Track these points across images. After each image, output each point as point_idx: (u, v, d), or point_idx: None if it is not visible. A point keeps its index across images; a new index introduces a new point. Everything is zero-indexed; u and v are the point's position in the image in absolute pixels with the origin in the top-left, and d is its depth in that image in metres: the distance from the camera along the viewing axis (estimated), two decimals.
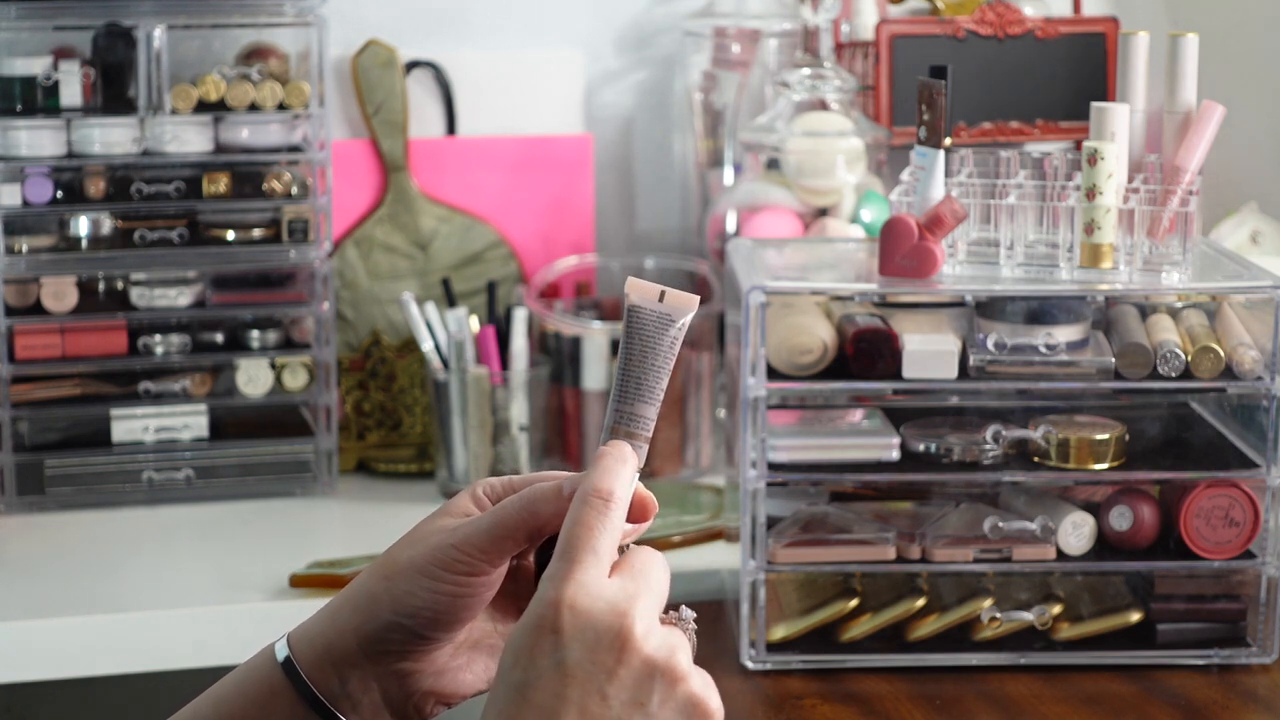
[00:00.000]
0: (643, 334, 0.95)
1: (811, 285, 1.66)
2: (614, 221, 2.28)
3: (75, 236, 1.97)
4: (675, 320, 0.96)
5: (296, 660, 1.00)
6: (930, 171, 1.64)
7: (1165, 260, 1.60)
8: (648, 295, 0.95)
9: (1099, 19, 2.17)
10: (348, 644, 0.99)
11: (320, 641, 1.00)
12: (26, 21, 1.94)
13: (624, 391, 0.96)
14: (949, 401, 1.72)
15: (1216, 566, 1.62)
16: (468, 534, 0.96)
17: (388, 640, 0.98)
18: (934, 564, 1.61)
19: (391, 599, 0.97)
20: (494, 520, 0.96)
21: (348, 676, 0.99)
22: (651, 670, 0.89)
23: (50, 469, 1.98)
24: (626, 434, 0.96)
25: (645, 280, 0.95)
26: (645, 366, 0.95)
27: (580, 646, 0.88)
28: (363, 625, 0.98)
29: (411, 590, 0.97)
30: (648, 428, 0.96)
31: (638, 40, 2.27)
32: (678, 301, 0.95)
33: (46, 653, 1.69)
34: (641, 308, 0.95)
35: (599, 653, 0.88)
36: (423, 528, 0.99)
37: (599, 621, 0.89)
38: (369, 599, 0.98)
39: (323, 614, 1.01)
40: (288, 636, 1.02)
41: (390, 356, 2.13)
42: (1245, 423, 1.65)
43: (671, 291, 0.95)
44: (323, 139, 2.00)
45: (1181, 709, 1.54)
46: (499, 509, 0.97)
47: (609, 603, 0.89)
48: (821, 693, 1.57)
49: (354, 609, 0.99)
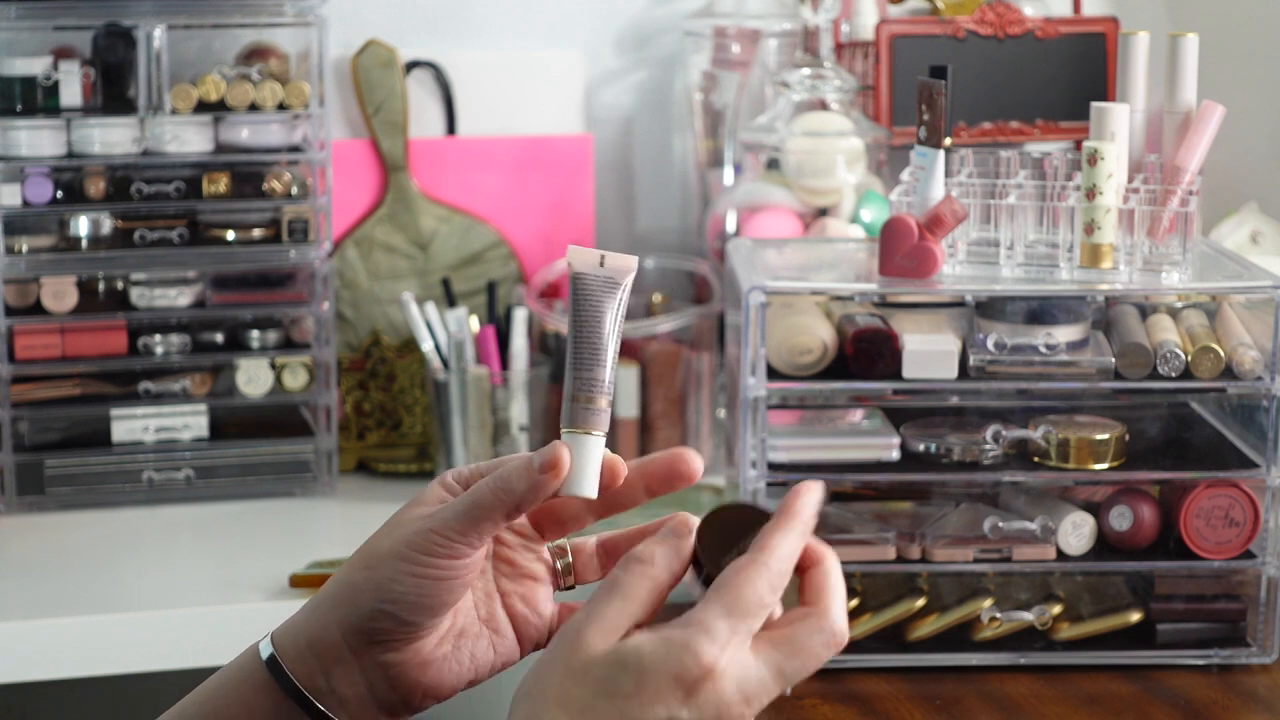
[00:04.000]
0: (590, 299, 0.97)
1: (811, 285, 1.66)
2: (614, 221, 2.28)
3: (75, 236, 1.97)
4: (619, 282, 0.97)
5: (281, 657, 1.00)
6: (930, 171, 1.64)
7: (1165, 260, 1.61)
8: (589, 261, 0.97)
9: (1099, 19, 2.17)
10: (332, 637, 0.99)
11: (304, 638, 1.00)
12: (26, 21, 1.94)
13: (579, 359, 0.97)
14: (949, 401, 1.72)
15: (1216, 566, 1.62)
16: (445, 518, 0.96)
17: (373, 630, 0.98)
18: (934, 564, 1.61)
19: (374, 586, 0.97)
20: (470, 502, 0.96)
21: (333, 672, 0.99)
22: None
23: (50, 469, 1.97)
24: (587, 400, 0.96)
25: (585, 247, 0.97)
26: (598, 331, 0.97)
27: (699, 716, 0.88)
28: (346, 616, 0.98)
29: (393, 576, 0.97)
30: (609, 390, 0.97)
31: (638, 40, 2.27)
32: (619, 264, 0.97)
33: (46, 653, 1.69)
34: (585, 274, 0.97)
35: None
36: (398, 518, 1.00)
37: (730, 704, 0.88)
38: (350, 589, 0.98)
39: (305, 610, 1.01)
40: (271, 634, 1.02)
41: (390, 356, 2.13)
42: (1245, 423, 1.65)
43: (611, 255, 0.97)
44: (323, 139, 2.00)
45: (1181, 709, 1.54)
46: (473, 491, 0.97)
47: (744, 692, 0.89)
48: (821, 693, 1.57)
49: (335, 602, 0.99)
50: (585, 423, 0.97)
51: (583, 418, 0.97)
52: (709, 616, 0.89)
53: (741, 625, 0.89)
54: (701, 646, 0.88)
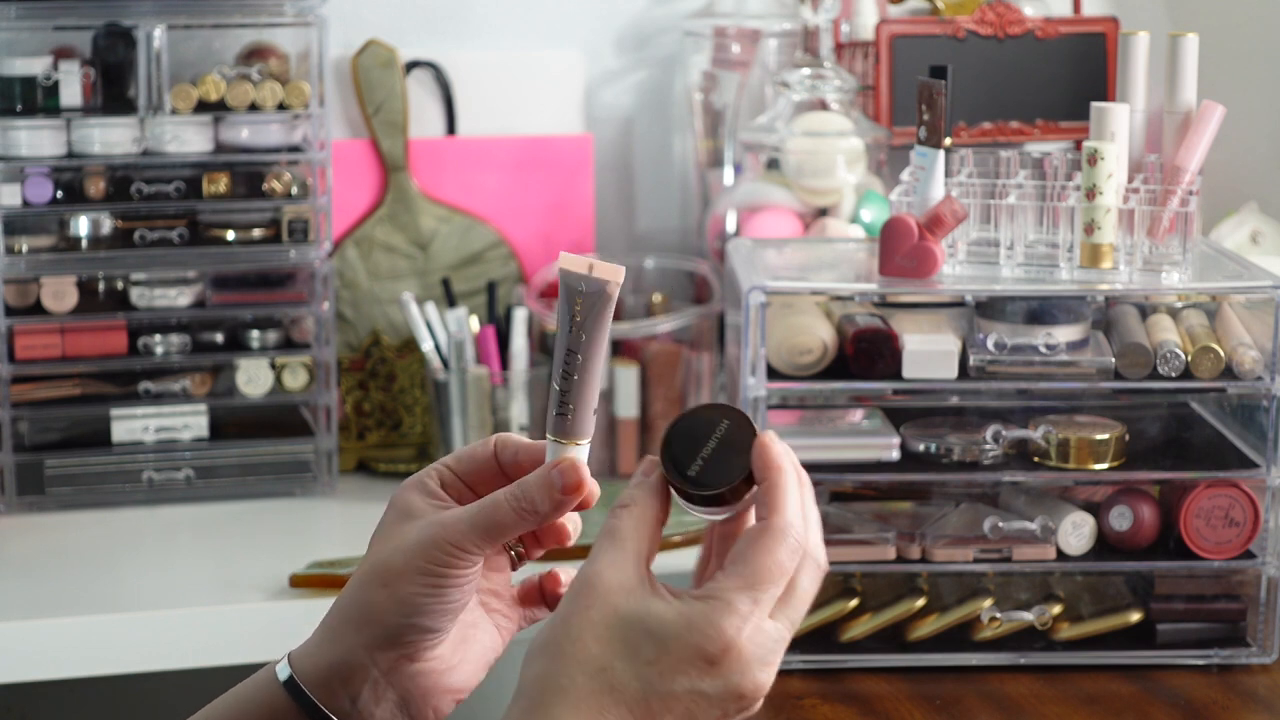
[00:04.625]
0: (576, 308, 0.97)
1: (811, 285, 1.66)
2: (614, 221, 2.28)
3: (75, 236, 1.97)
4: (609, 293, 0.97)
5: (302, 683, 1.00)
6: (930, 171, 1.64)
7: (1165, 260, 1.61)
8: (578, 267, 0.96)
9: (1099, 19, 2.17)
10: (359, 660, 0.99)
11: (325, 662, 0.99)
12: (26, 21, 1.94)
13: (569, 366, 0.97)
14: (949, 401, 1.72)
15: (1216, 566, 1.62)
16: (462, 530, 0.97)
17: (400, 644, 0.98)
18: (934, 564, 1.61)
19: (397, 604, 0.97)
20: (490, 520, 0.97)
21: (359, 692, 0.99)
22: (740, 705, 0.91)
23: (50, 469, 1.97)
24: (572, 408, 0.97)
25: (576, 255, 0.97)
26: (583, 340, 0.96)
27: (721, 686, 0.90)
28: (374, 638, 0.98)
29: (417, 591, 0.97)
30: (596, 398, 0.98)
31: (638, 40, 2.27)
32: (606, 272, 0.97)
33: (46, 653, 1.69)
34: (573, 283, 0.97)
35: (728, 701, 0.90)
36: (396, 530, 0.99)
37: (750, 669, 0.90)
38: (371, 610, 0.98)
39: (321, 636, 1.01)
40: (288, 657, 1.01)
41: (390, 356, 2.13)
42: (1245, 423, 1.65)
43: (599, 263, 0.96)
44: (323, 139, 2.00)
45: (1181, 709, 1.54)
46: (492, 507, 0.97)
47: (762, 655, 0.90)
48: (821, 693, 1.57)
49: (358, 625, 0.99)
50: (572, 432, 0.98)
51: (568, 426, 0.97)
52: (730, 590, 0.90)
53: (763, 596, 0.90)
54: (724, 622, 0.89)
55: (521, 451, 1.00)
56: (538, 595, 1.05)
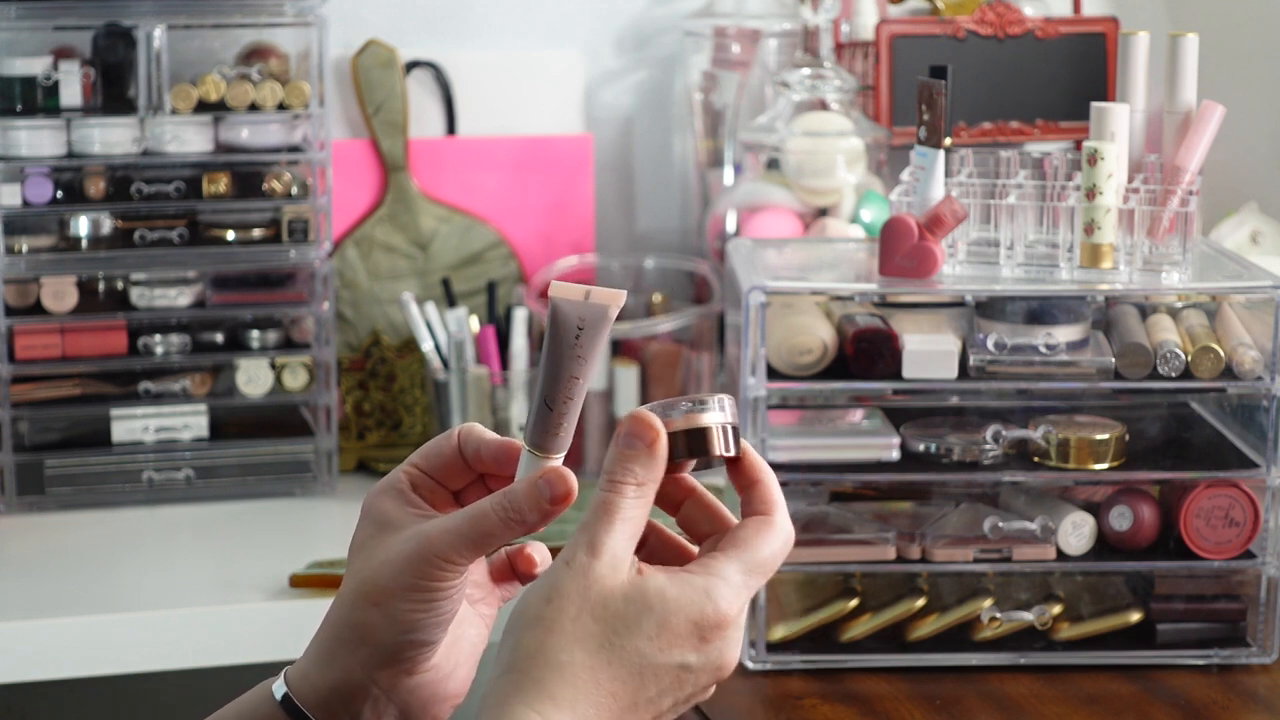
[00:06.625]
0: (585, 333, 0.96)
1: (811, 285, 1.66)
2: (614, 221, 2.28)
3: (75, 236, 1.97)
4: (609, 313, 0.96)
5: (300, 704, 0.99)
6: (930, 171, 1.64)
7: (1165, 260, 1.60)
8: (574, 295, 0.95)
9: (1099, 19, 2.17)
10: (358, 680, 0.98)
11: (324, 685, 0.99)
12: (26, 21, 1.94)
13: (569, 390, 0.96)
14: (949, 401, 1.72)
15: (1216, 566, 1.62)
16: (449, 543, 0.95)
17: (399, 661, 0.98)
18: (934, 564, 1.61)
19: (391, 621, 0.96)
20: (477, 530, 0.95)
21: (360, 711, 0.98)
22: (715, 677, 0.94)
23: (50, 469, 1.97)
24: (555, 425, 0.96)
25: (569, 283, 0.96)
26: (589, 362, 0.96)
27: (705, 660, 0.92)
28: (370, 657, 0.97)
29: (409, 608, 0.96)
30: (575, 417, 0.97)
31: (638, 40, 2.27)
32: (604, 297, 0.96)
33: (46, 653, 1.69)
34: (563, 309, 0.96)
35: (707, 673, 0.93)
36: (380, 544, 0.98)
37: (732, 646, 0.93)
38: (365, 631, 0.97)
39: (316, 658, 0.99)
40: (284, 675, 1.00)
41: (390, 356, 2.14)
42: (1245, 423, 1.65)
43: (596, 289, 0.95)
44: (323, 139, 2.00)
45: (1181, 709, 1.54)
46: (478, 517, 0.95)
47: (740, 635, 0.94)
48: (821, 693, 1.57)
49: (352, 646, 0.98)
50: (557, 448, 0.97)
51: (554, 443, 0.97)
52: (729, 568, 0.93)
53: (754, 581, 0.94)
54: (722, 596, 0.92)
55: (484, 447, 0.99)
56: (509, 573, 1.04)
